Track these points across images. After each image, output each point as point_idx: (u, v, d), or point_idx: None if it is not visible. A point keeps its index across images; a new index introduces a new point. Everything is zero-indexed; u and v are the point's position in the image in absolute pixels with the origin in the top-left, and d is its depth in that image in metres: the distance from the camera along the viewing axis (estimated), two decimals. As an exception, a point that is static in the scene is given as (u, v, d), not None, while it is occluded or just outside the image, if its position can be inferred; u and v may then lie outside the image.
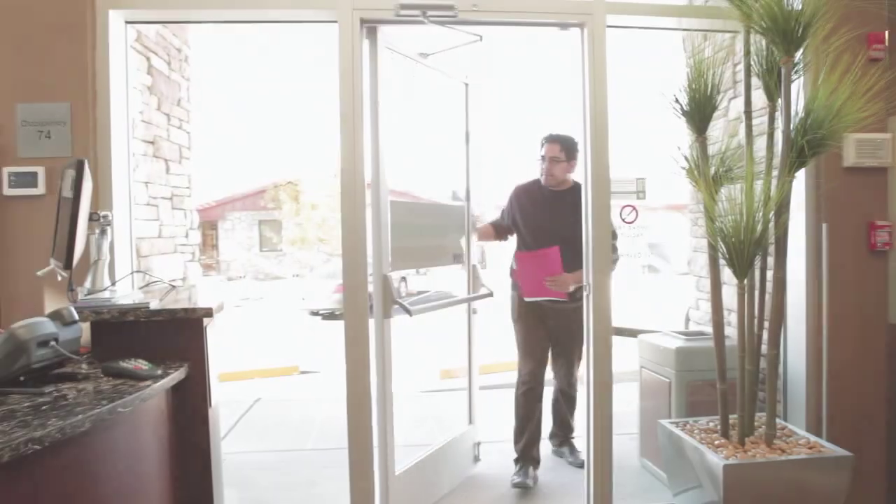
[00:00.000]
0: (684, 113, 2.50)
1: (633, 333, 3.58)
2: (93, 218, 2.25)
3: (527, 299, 3.56)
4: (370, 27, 2.72)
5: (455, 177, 3.61)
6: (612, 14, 2.68)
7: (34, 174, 2.62)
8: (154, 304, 2.02)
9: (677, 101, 2.50)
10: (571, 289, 3.28)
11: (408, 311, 2.88)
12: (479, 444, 3.75)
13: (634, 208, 2.97)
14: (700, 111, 2.46)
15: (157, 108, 3.40)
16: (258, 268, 24.52)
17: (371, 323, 2.76)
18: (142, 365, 1.77)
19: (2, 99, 2.65)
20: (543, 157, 3.42)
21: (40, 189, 2.62)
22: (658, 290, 8.05)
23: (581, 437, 3.14)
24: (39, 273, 2.24)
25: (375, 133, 2.79)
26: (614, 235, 2.95)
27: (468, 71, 3.56)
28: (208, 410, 1.99)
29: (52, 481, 1.37)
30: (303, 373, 7.44)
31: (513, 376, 3.67)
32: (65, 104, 2.62)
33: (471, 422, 3.74)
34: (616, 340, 2.90)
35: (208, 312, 1.96)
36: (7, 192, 2.63)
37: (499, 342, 8.24)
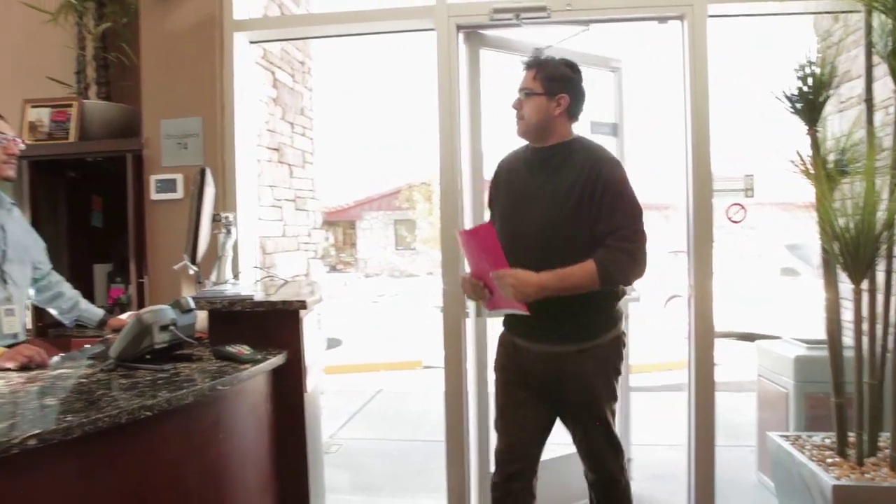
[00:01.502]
0: (795, 102, 2.33)
1: (750, 338, 3.34)
2: (216, 219, 2.53)
3: (487, 315, 2.78)
4: (466, 32, 2.80)
5: None
6: (714, 3, 2.56)
7: (174, 181, 3.00)
8: (258, 297, 2.24)
9: (787, 93, 2.33)
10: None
11: (478, 313, 2.85)
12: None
13: (743, 207, 2.78)
14: (811, 101, 2.28)
15: (281, 118, 3.72)
16: (393, 265, 25.57)
17: (469, 321, 2.84)
18: (244, 350, 1.99)
19: (150, 116, 3.06)
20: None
21: (179, 194, 2.99)
22: (798, 295, 7.38)
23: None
24: (175, 267, 2.56)
25: (476, 136, 2.87)
26: (628, 254, 1.93)
27: (618, 55, 3.16)
28: (303, 395, 2.17)
29: (161, 445, 1.60)
30: (426, 367, 7.68)
31: (658, 377, 3.27)
32: (198, 118, 2.97)
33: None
34: (736, 346, 2.75)
35: (303, 305, 2.14)
36: (154, 196, 3.03)
37: (639, 339, 8.04)
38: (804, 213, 2.40)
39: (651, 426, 4.18)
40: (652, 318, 7.91)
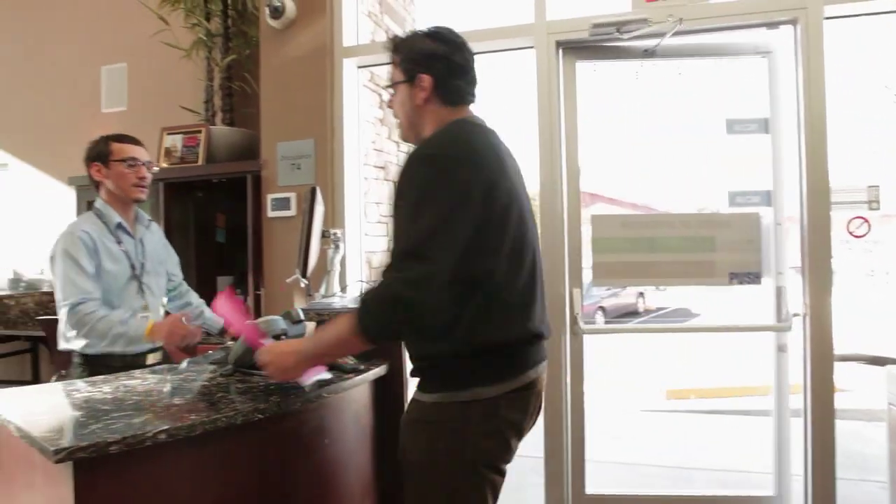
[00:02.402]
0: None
1: (880, 362, 3.07)
2: (325, 235, 2.69)
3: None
4: (566, 48, 2.81)
5: (734, 178, 2.86)
6: (830, 4, 2.41)
7: (288, 199, 3.21)
8: (362, 309, 2.34)
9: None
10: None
11: (572, 331, 2.81)
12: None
13: (866, 220, 2.57)
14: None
15: (387, 137, 3.88)
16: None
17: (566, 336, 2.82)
18: (349, 360, 2.09)
19: (268, 140, 3.30)
20: None
21: (292, 211, 3.20)
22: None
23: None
24: (287, 280, 2.74)
25: (572, 149, 2.86)
26: None
27: (768, 38, 2.70)
28: (404, 406, 2.24)
29: (271, 446, 1.71)
30: (528, 383, 7.65)
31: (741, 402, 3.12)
32: (310, 140, 3.17)
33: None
34: (865, 370, 2.56)
35: (403, 317, 2.22)
36: (270, 214, 3.26)
37: (727, 362, 7.65)
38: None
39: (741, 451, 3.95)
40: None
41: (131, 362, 2.20)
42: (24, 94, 5.14)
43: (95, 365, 2.17)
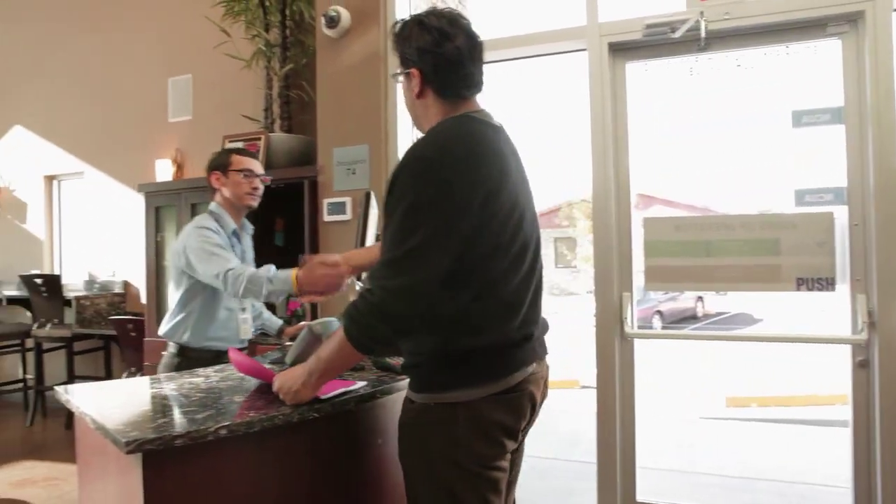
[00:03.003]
0: None
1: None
2: (379, 239, 2.74)
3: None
4: (617, 49, 2.78)
5: (803, 175, 2.67)
6: (900, -4, 2.31)
7: (343, 203, 3.29)
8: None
9: None
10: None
11: (622, 336, 2.78)
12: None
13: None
14: None
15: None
16: (553, 283, 25.33)
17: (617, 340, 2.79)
18: (401, 361, 2.13)
19: (324, 145, 3.39)
20: None
21: (347, 215, 3.27)
22: None
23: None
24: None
25: (624, 152, 2.83)
26: None
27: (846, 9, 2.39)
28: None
29: (325, 444, 1.76)
30: (583, 387, 7.56)
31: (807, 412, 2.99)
32: (365, 146, 3.23)
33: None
34: None
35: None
36: (326, 218, 3.35)
37: (792, 369, 7.36)
38: None
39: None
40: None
41: (220, 357, 2.38)
42: (99, 106, 5.45)
43: (189, 357, 2.41)
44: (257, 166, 2.56)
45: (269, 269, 2.29)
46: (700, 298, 12.81)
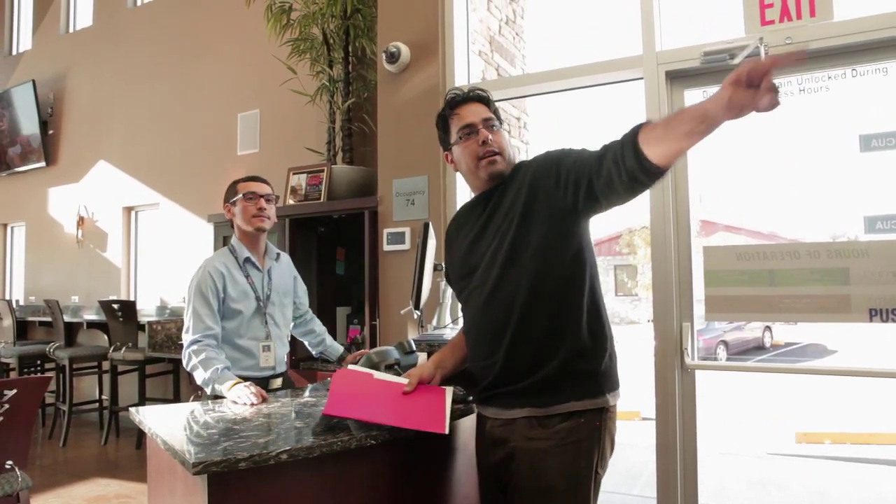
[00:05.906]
0: None
1: None
2: (437, 268, 2.78)
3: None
4: (674, 77, 2.76)
5: (872, 201, 2.58)
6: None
7: (403, 233, 3.35)
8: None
9: None
10: None
11: (682, 367, 2.71)
12: None
13: None
14: None
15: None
16: (614, 312, 24.84)
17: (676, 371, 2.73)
18: (458, 390, 2.14)
19: (384, 177, 3.48)
20: (470, 130, 1.74)
21: (406, 245, 3.34)
22: None
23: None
24: (401, 312, 2.85)
25: (683, 179, 2.80)
26: None
27: None
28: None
29: (381, 471, 1.79)
30: (643, 419, 7.34)
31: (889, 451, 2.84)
32: (423, 177, 3.31)
33: None
34: None
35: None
36: (386, 248, 3.42)
37: (869, 404, 6.91)
38: None
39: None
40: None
41: (258, 385, 2.39)
42: (174, 141, 5.77)
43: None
44: (261, 187, 2.54)
45: (224, 367, 2.29)
46: (768, 328, 12.29)
